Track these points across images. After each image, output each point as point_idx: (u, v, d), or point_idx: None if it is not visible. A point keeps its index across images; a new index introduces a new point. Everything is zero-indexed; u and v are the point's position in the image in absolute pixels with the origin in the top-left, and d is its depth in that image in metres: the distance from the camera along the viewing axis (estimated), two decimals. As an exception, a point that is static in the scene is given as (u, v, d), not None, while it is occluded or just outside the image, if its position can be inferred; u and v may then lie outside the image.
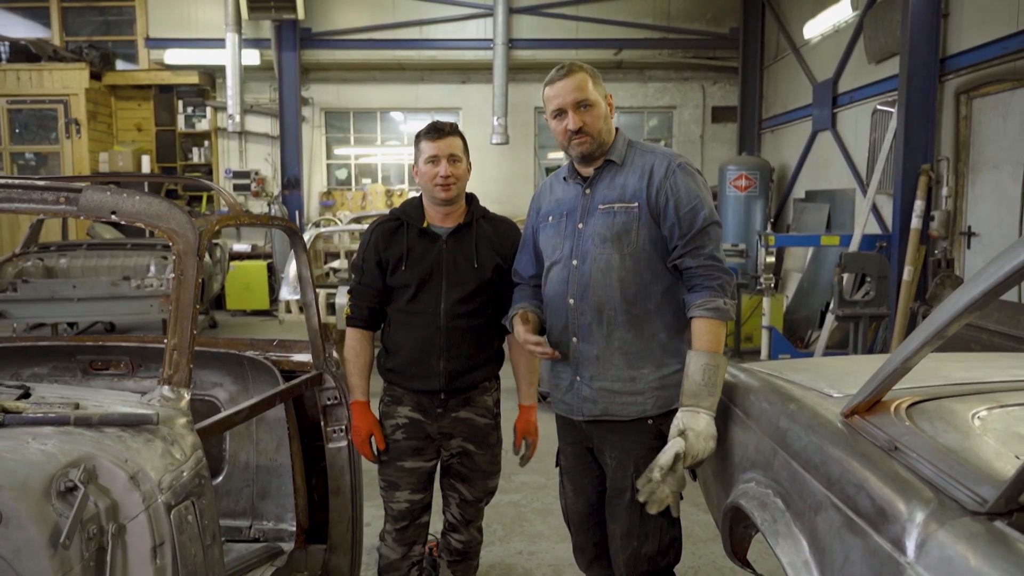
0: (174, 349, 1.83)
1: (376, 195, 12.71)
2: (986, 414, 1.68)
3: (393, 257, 2.56)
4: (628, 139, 2.35)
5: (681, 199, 2.19)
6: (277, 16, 11.39)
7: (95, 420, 1.63)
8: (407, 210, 2.64)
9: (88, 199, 1.87)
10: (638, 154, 2.30)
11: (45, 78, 11.38)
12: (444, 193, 2.51)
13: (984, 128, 6.53)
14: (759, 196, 10.18)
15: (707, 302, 2.15)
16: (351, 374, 2.64)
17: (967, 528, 1.21)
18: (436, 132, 2.52)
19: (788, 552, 1.65)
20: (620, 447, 2.28)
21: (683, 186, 2.20)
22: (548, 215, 2.40)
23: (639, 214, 2.22)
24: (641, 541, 2.26)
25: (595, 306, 2.25)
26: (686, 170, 2.23)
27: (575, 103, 2.22)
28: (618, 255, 2.23)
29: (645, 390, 2.24)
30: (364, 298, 2.64)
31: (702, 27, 12.21)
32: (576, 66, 2.26)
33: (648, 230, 2.22)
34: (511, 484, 4.39)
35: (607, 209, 2.25)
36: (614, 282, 2.23)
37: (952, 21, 6.80)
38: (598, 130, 2.24)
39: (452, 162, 2.50)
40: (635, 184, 2.24)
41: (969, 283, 1.39)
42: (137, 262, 8.03)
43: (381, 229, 2.63)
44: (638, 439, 2.26)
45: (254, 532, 2.89)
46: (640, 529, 2.25)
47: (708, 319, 2.14)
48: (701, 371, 2.11)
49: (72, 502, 1.43)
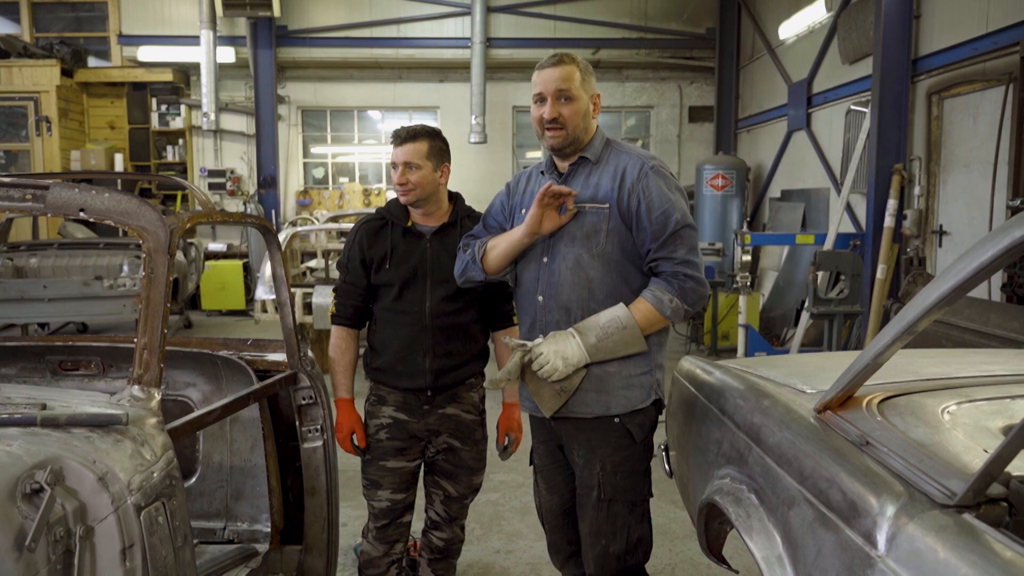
0: (144, 348, 1.80)
1: (353, 194, 12.63)
2: (956, 409, 1.71)
3: (377, 256, 2.59)
4: (607, 138, 2.33)
5: (653, 202, 2.16)
6: (252, 13, 11.26)
7: (62, 421, 1.60)
8: (392, 209, 2.66)
9: (56, 196, 1.84)
10: (614, 154, 2.27)
11: (15, 75, 11.17)
12: (403, 198, 2.58)
13: (955, 128, 6.63)
14: (735, 195, 10.26)
15: (655, 290, 2.16)
16: (336, 372, 2.67)
17: (936, 521, 1.23)
18: (397, 138, 2.57)
19: (762, 547, 1.66)
20: (587, 445, 2.28)
21: (655, 189, 2.17)
22: (522, 207, 2.38)
23: (608, 216, 2.19)
24: (609, 540, 2.26)
25: (563, 305, 2.24)
26: (659, 172, 2.20)
27: (556, 92, 2.21)
28: (587, 255, 2.21)
29: (610, 389, 2.22)
30: (349, 297, 2.65)
31: (679, 27, 12.28)
32: (569, 57, 2.25)
33: (617, 233, 2.20)
34: (490, 483, 4.38)
35: (579, 208, 2.23)
36: (582, 281, 2.22)
37: (924, 23, 6.90)
38: (574, 125, 2.22)
39: (409, 168, 2.53)
40: (608, 185, 2.21)
41: (937, 280, 1.41)
42: (110, 262, 7.90)
43: (366, 228, 2.65)
44: (604, 437, 2.25)
45: (228, 533, 2.85)
46: (607, 527, 2.25)
47: (645, 300, 2.15)
48: (609, 319, 2.16)
49: (38, 504, 1.40)
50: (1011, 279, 5.20)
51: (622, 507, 2.26)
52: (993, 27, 5.96)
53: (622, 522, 2.24)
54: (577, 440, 2.30)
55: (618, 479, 2.25)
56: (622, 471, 2.25)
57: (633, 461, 2.27)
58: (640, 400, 2.24)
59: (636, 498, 2.29)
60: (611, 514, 2.24)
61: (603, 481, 2.25)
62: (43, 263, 7.89)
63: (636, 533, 2.28)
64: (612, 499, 2.25)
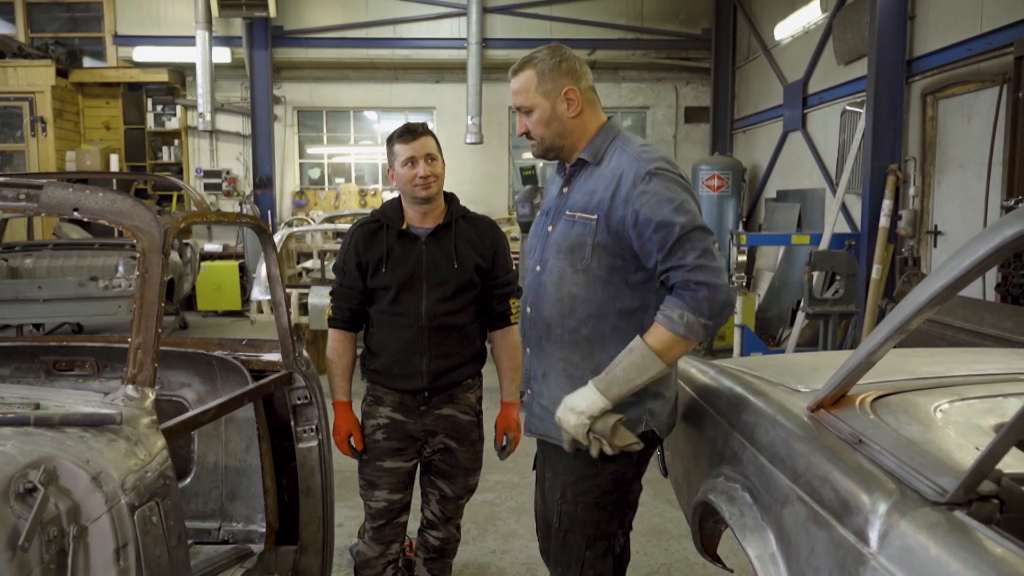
0: (138, 348, 1.80)
1: (349, 195, 12.63)
2: (948, 407, 1.71)
3: (373, 259, 2.58)
4: (616, 133, 2.09)
5: (653, 212, 1.90)
6: (248, 14, 11.25)
7: (56, 420, 1.60)
8: (387, 212, 2.65)
9: (49, 196, 1.84)
10: (617, 153, 2.03)
11: (10, 75, 11.14)
12: (424, 192, 2.54)
13: (950, 129, 6.64)
14: (731, 196, 10.27)
15: (665, 308, 1.90)
16: (333, 375, 2.67)
17: (927, 518, 1.23)
18: (410, 134, 2.55)
19: (755, 545, 1.67)
20: (552, 469, 2.15)
21: (654, 196, 1.91)
22: (544, 209, 2.22)
23: (595, 228, 1.98)
24: (564, 569, 2.12)
25: (544, 320, 2.09)
26: (659, 175, 1.94)
27: (518, 107, 2.09)
28: (570, 269, 2.03)
29: None
30: (345, 299, 2.65)
31: (675, 28, 12.30)
32: (523, 63, 2.08)
33: (604, 248, 1.98)
34: (485, 483, 4.37)
35: (570, 217, 2.05)
36: (565, 297, 2.03)
37: (918, 23, 6.92)
38: (540, 136, 2.07)
39: (429, 161, 2.54)
40: (601, 192, 2.00)
41: (929, 279, 1.41)
42: (105, 262, 7.88)
43: (361, 231, 2.63)
44: (569, 465, 2.07)
45: (223, 534, 2.85)
46: (563, 557, 2.12)
47: (656, 321, 1.91)
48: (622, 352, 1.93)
49: (31, 504, 1.40)
50: (1006, 279, 5.22)
51: (579, 539, 2.08)
52: (987, 28, 5.97)
53: (576, 555, 2.08)
54: (549, 463, 2.18)
55: (577, 510, 2.07)
56: (583, 502, 2.06)
57: (597, 493, 2.06)
58: None
59: (597, 533, 2.08)
60: (566, 545, 2.10)
61: (562, 511, 2.10)
62: (38, 264, 7.86)
63: (592, 570, 2.08)
64: (569, 530, 2.09)
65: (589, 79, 2.13)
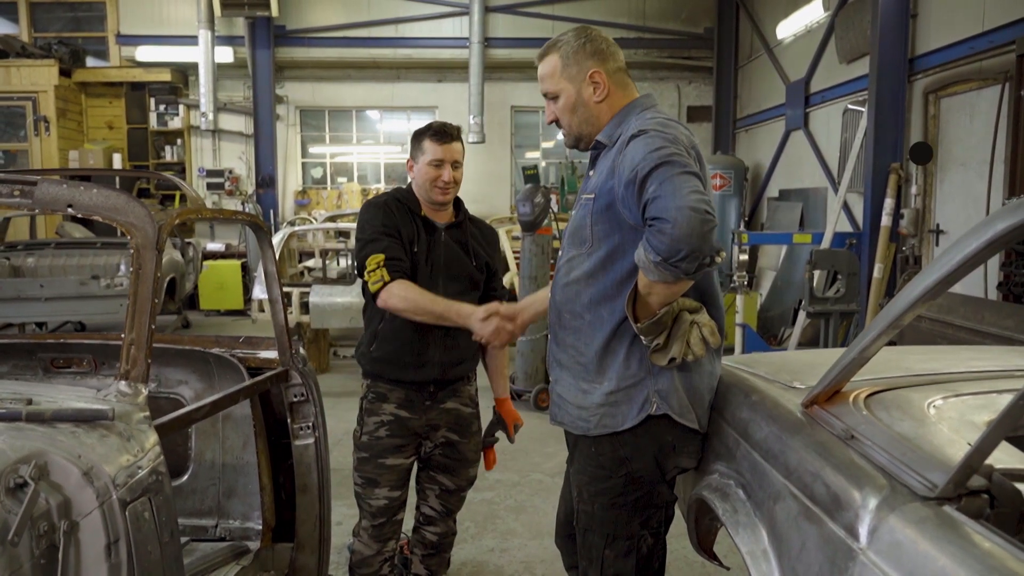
0: (131, 344, 1.79)
1: (352, 194, 12.63)
2: (941, 403, 1.71)
3: (406, 235, 2.54)
4: (639, 109, 1.97)
5: (626, 165, 1.77)
6: (251, 13, 11.27)
7: (47, 415, 1.60)
8: (408, 196, 2.63)
9: (44, 192, 1.84)
10: (623, 126, 1.93)
11: (13, 75, 11.17)
12: (442, 196, 2.57)
13: (952, 127, 6.62)
14: (734, 195, 10.25)
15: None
16: (435, 303, 2.39)
17: (917, 513, 1.23)
18: (444, 135, 2.54)
19: (748, 541, 1.66)
20: (573, 464, 2.10)
21: (632, 152, 1.77)
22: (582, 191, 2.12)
23: (591, 208, 1.93)
24: (586, 567, 2.08)
25: (557, 306, 2.06)
26: (641, 136, 1.79)
27: (545, 94, 2.06)
28: (576, 253, 1.99)
29: (591, 406, 1.97)
30: (398, 251, 2.47)
31: (677, 27, 12.29)
32: (549, 47, 2.02)
33: (602, 225, 1.91)
34: (484, 482, 4.38)
35: (582, 200, 2.00)
36: (572, 283, 2.00)
37: (920, 22, 6.90)
38: (567, 123, 2.05)
39: (455, 167, 2.56)
40: (605, 170, 1.92)
41: (922, 274, 1.41)
42: (107, 261, 7.90)
43: (394, 203, 2.58)
44: (582, 460, 2.04)
45: (220, 531, 2.85)
46: (584, 555, 2.08)
47: None
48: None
49: (22, 499, 1.40)
50: (1007, 278, 5.20)
51: (598, 539, 2.02)
52: (989, 26, 5.96)
53: (596, 554, 2.03)
54: (570, 455, 2.13)
55: (595, 509, 2.01)
56: (600, 502, 2.00)
57: (612, 495, 1.98)
58: (624, 420, 1.92)
59: (616, 532, 1.99)
60: (586, 543, 2.05)
61: (580, 509, 2.06)
62: (40, 262, 7.89)
63: (612, 569, 2.01)
64: (587, 528, 2.04)
65: (619, 59, 2.03)
